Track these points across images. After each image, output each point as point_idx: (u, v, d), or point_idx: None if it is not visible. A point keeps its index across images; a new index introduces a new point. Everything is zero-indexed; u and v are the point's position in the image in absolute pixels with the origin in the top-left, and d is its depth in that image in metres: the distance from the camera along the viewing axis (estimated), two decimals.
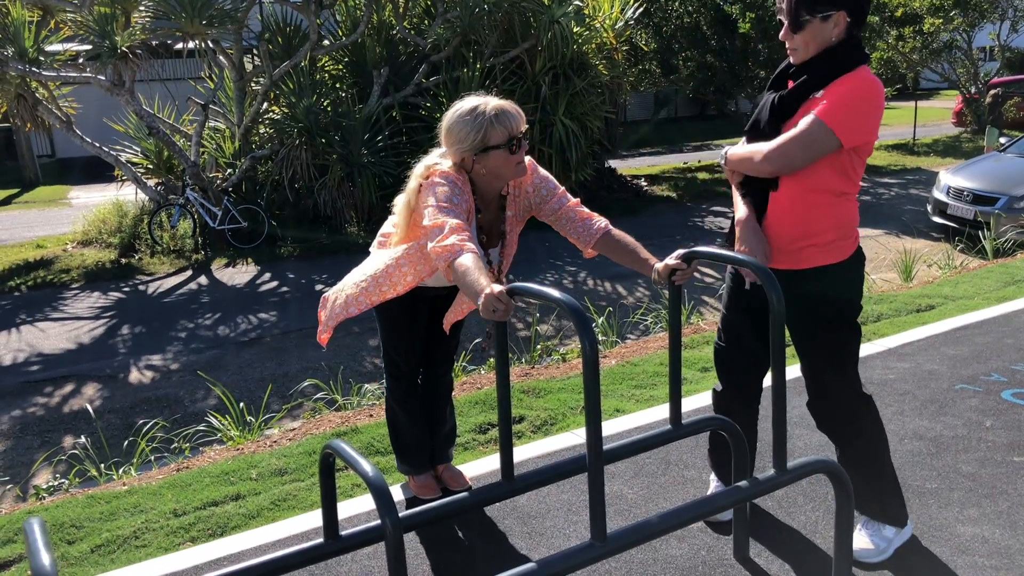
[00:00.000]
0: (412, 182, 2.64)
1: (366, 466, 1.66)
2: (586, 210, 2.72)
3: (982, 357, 4.41)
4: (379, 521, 1.93)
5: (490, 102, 2.53)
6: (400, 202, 2.72)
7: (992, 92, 15.02)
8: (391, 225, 2.85)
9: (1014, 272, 6.37)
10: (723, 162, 2.66)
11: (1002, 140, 11.72)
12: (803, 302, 2.52)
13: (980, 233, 8.65)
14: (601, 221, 2.68)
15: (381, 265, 2.75)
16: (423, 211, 2.49)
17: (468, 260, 2.22)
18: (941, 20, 18.15)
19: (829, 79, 2.41)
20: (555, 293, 1.88)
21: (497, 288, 2.02)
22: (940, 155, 16.98)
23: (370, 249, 2.98)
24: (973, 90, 19.71)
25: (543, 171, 2.76)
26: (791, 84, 2.53)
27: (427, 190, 2.52)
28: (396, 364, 3.00)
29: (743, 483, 2.13)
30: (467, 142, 2.51)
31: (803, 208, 2.47)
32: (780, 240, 2.52)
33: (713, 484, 3.00)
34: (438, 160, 2.62)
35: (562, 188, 2.77)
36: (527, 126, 2.60)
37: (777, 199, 2.51)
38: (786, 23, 2.45)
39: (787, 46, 2.50)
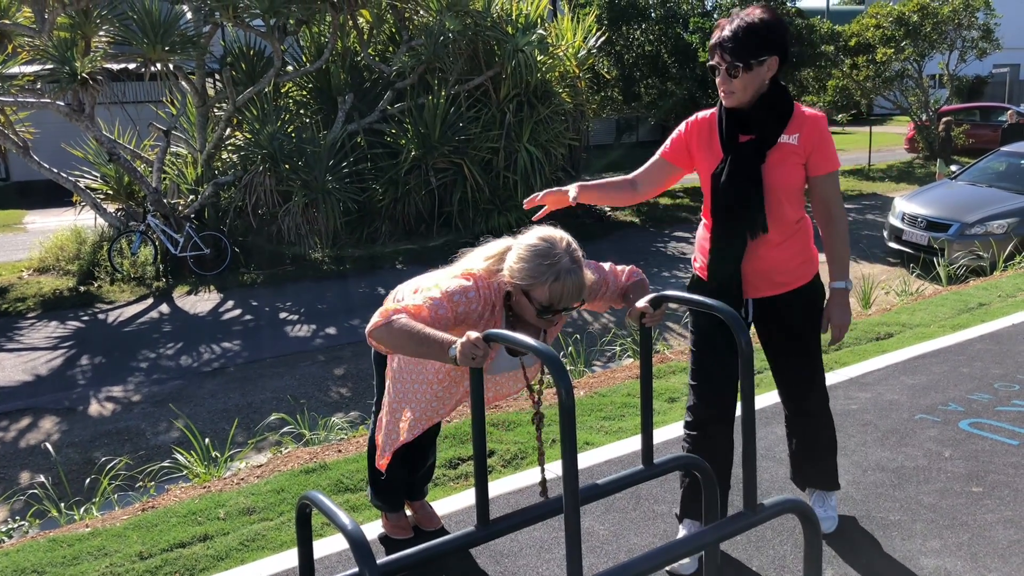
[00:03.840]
0: (449, 270, 2.54)
1: (344, 519, 1.66)
2: (626, 272, 2.69)
3: (940, 386, 4.52)
4: (356, 569, 1.93)
5: (564, 262, 2.30)
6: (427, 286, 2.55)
7: (945, 120, 15.46)
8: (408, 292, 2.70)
9: (967, 299, 6.55)
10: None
11: (953, 168, 12.08)
12: (799, 317, 2.80)
13: (935, 259, 8.88)
14: (638, 273, 2.70)
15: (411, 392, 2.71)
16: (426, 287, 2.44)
17: (408, 319, 2.17)
18: (892, 50, 18.70)
19: (786, 123, 2.66)
20: (531, 341, 1.90)
21: (474, 334, 2.03)
22: (895, 180, 17.42)
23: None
24: (924, 117, 20.28)
25: (589, 270, 2.44)
26: (742, 136, 2.67)
27: (450, 278, 2.43)
28: None
29: (714, 525, 2.16)
30: (518, 276, 2.35)
31: (790, 235, 2.75)
32: (777, 267, 2.77)
33: (683, 528, 3.01)
34: (483, 267, 2.48)
35: (604, 267, 2.67)
36: (578, 304, 2.40)
37: (768, 237, 2.71)
38: (723, 68, 2.58)
39: (722, 90, 2.63)
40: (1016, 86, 30.76)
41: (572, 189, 2.78)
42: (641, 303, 2.44)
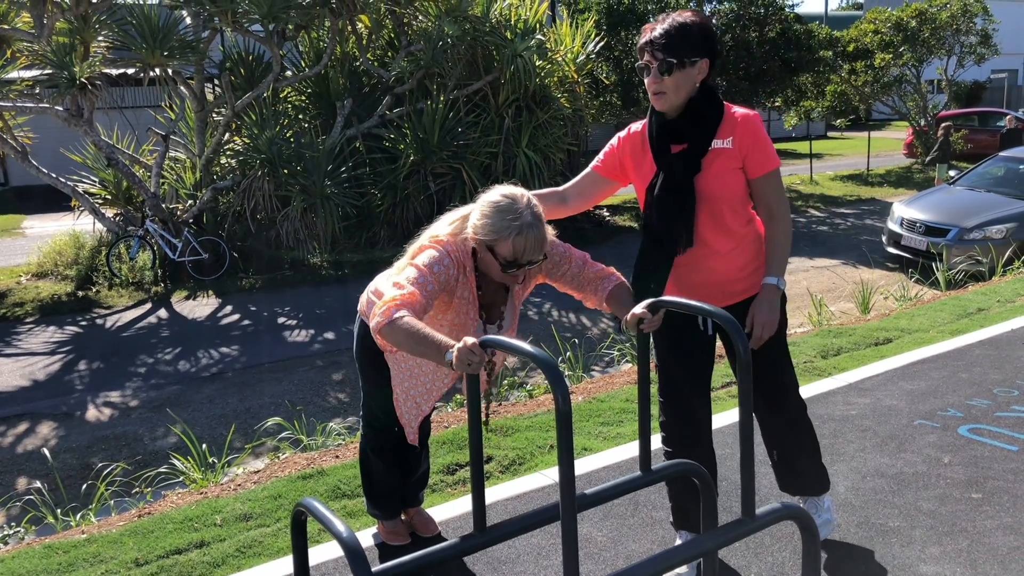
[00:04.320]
0: (416, 244, 2.56)
1: (340, 527, 1.65)
2: (599, 266, 2.67)
3: (939, 392, 4.51)
4: None
5: (526, 216, 2.39)
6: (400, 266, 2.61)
7: (943, 125, 15.49)
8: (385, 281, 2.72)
9: (966, 304, 6.55)
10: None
11: (952, 173, 12.08)
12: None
13: (933, 264, 8.88)
14: (615, 276, 2.63)
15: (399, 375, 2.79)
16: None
17: (411, 318, 2.17)
18: (891, 55, 18.74)
19: (716, 126, 2.58)
20: (527, 347, 1.89)
21: (471, 340, 2.02)
22: (893, 185, 17.43)
23: (358, 308, 2.94)
24: (923, 122, 20.31)
25: (551, 234, 2.56)
26: (674, 146, 2.60)
27: (422, 252, 2.47)
28: (376, 415, 2.96)
29: (712, 532, 2.15)
30: (481, 231, 2.43)
31: (739, 242, 2.67)
32: (730, 275, 2.68)
33: (679, 538, 3.00)
34: (447, 231, 2.55)
35: (576, 251, 2.69)
36: (542, 258, 2.48)
37: (715, 246, 2.64)
38: (655, 66, 2.52)
39: (652, 91, 2.57)
40: (1014, 91, 30.84)
41: None
42: (638, 309, 2.43)
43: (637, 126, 2.74)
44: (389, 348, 2.34)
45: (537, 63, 11.66)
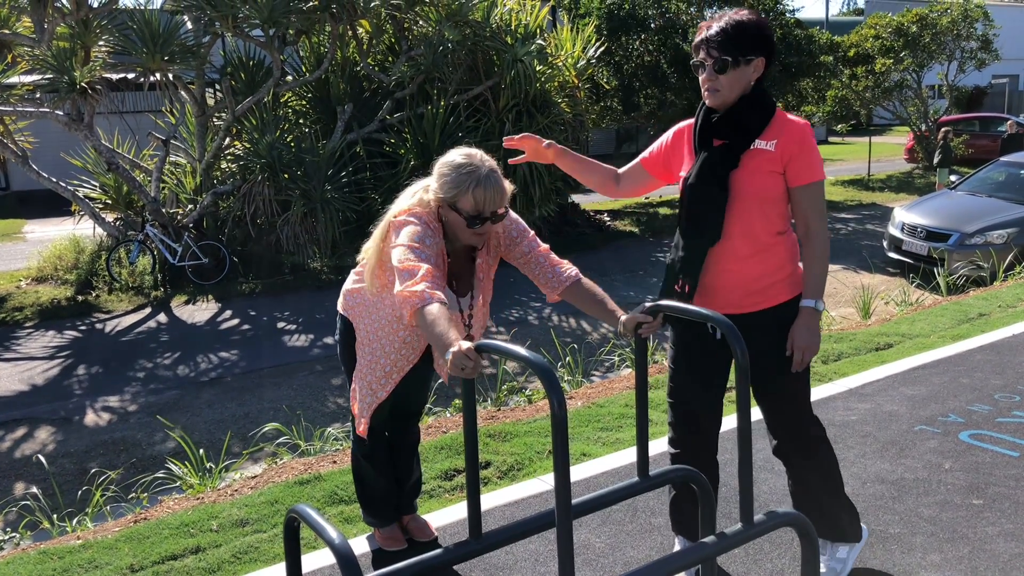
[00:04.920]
0: (381, 225, 2.61)
1: (332, 533, 1.63)
2: (555, 257, 2.71)
3: (939, 397, 4.49)
4: None
5: (483, 169, 2.49)
6: (368, 248, 2.70)
7: (944, 130, 15.50)
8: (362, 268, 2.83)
9: (967, 309, 6.52)
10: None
11: (953, 178, 12.06)
12: (770, 340, 2.59)
13: (934, 269, 8.86)
14: (571, 269, 2.67)
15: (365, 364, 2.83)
16: (391, 250, 2.47)
17: (436, 309, 2.20)
18: (892, 60, 18.74)
19: (763, 127, 2.54)
20: (523, 352, 1.87)
21: (466, 345, 2.01)
22: (894, 191, 17.42)
23: (339, 308, 2.94)
24: (923, 127, 20.30)
25: (513, 213, 2.71)
26: (716, 140, 2.58)
27: (396, 229, 2.50)
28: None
29: (710, 538, 2.13)
30: (442, 191, 2.51)
31: (762, 250, 2.57)
32: (745, 282, 2.59)
33: (678, 543, 2.98)
34: (409, 203, 2.60)
35: (532, 232, 2.75)
36: (504, 208, 2.56)
37: (735, 249, 2.57)
38: (711, 63, 2.51)
39: (707, 87, 2.54)
40: (1015, 96, 30.84)
41: (550, 144, 2.79)
42: (637, 313, 2.41)
43: (689, 122, 2.73)
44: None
45: (537, 68, 11.65)
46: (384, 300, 2.73)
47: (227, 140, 11.22)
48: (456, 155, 2.54)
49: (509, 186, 2.57)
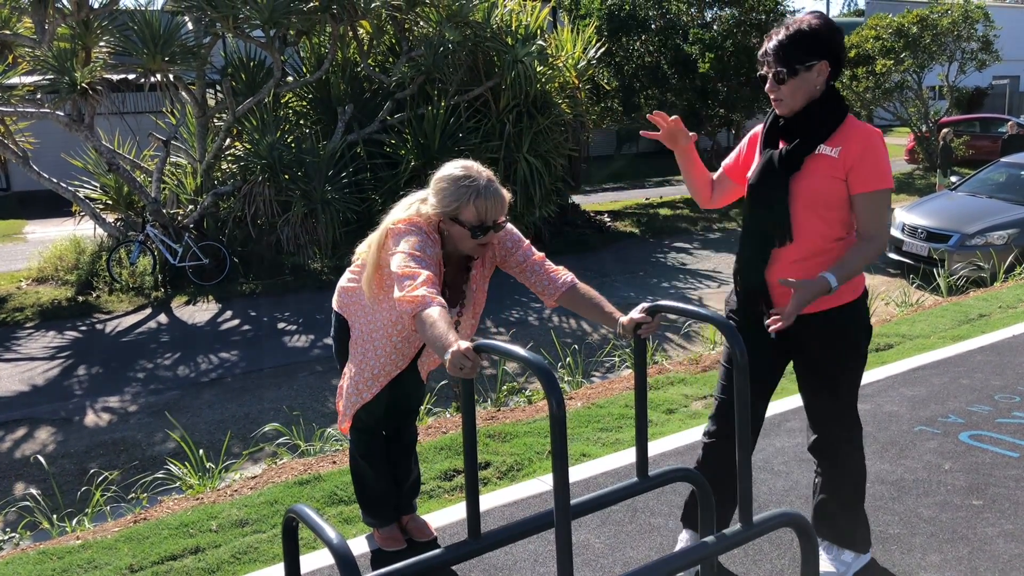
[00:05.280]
0: (378, 232, 2.63)
1: (330, 533, 1.63)
2: (551, 264, 2.73)
3: (939, 398, 4.49)
4: None
5: (481, 180, 2.51)
6: (364, 253, 2.71)
7: (944, 131, 15.49)
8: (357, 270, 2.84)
9: (967, 310, 6.52)
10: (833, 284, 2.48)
11: (953, 179, 12.06)
12: (827, 341, 2.61)
13: (935, 270, 8.85)
14: (567, 275, 2.69)
15: (354, 367, 2.85)
16: (388, 258, 2.49)
17: (436, 313, 2.22)
18: (892, 61, 18.73)
19: (828, 132, 2.52)
20: (522, 352, 1.88)
21: (464, 345, 2.01)
22: (895, 191, 17.40)
23: (334, 306, 2.95)
24: (924, 128, 20.29)
25: (508, 224, 2.72)
26: (782, 142, 2.58)
27: (395, 237, 2.53)
28: (358, 415, 2.96)
29: (710, 538, 2.13)
30: (442, 205, 2.53)
31: (820, 253, 2.56)
32: (789, 292, 2.56)
33: (682, 540, 2.98)
34: (406, 214, 2.61)
35: (527, 241, 2.77)
36: (505, 218, 2.59)
37: (794, 251, 2.56)
38: (771, 75, 2.52)
39: (772, 97, 2.56)
40: (1016, 97, 30.81)
41: (689, 138, 2.71)
42: (635, 313, 2.41)
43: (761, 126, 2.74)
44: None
45: (538, 69, 11.66)
46: (381, 304, 2.74)
47: (228, 141, 11.22)
48: (453, 168, 2.56)
49: (507, 194, 2.60)
